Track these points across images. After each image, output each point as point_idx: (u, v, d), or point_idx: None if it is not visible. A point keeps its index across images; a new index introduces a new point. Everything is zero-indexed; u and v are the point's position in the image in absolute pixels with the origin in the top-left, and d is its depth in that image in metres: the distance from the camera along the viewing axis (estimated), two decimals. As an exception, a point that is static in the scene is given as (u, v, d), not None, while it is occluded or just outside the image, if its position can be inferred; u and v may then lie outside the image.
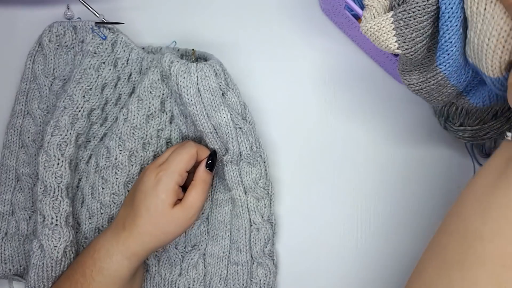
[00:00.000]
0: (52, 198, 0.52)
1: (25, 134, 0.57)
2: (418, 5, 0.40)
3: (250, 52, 0.59)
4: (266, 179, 0.56)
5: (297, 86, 0.59)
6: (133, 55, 0.56)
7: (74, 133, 0.53)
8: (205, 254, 0.57)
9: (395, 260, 0.57)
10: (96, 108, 0.55)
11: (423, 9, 0.40)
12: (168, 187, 0.49)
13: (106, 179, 0.55)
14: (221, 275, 0.57)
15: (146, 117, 0.54)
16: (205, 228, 0.58)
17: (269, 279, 0.56)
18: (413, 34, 0.42)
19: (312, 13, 0.59)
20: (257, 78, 0.59)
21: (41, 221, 0.52)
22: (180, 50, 0.57)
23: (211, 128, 0.52)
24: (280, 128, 0.59)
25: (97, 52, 0.55)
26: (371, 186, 0.58)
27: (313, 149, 0.59)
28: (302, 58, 0.59)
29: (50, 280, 0.52)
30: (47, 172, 0.52)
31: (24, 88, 0.57)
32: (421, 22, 0.41)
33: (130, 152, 0.54)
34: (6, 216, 0.57)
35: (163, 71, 0.53)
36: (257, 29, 0.60)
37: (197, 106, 0.51)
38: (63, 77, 0.57)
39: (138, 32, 0.59)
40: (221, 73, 0.52)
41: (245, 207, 0.55)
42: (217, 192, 0.57)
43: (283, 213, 0.59)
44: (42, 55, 0.57)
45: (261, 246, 0.56)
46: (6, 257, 0.57)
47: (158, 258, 0.57)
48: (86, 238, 0.56)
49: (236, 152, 0.52)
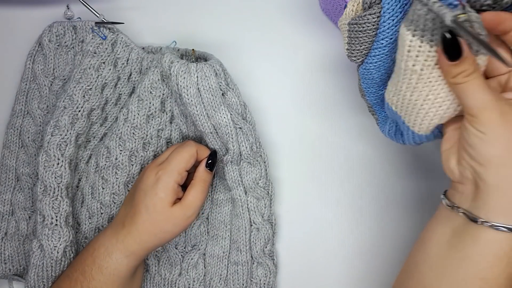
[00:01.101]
0: (52, 198, 0.52)
1: (25, 134, 0.57)
2: (361, 24, 0.41)
3: (250, 52, 0.59)
4: (266, 179, 0.56)
5: (297, 86, 0.59)
6: (133, 55, 0.56)
7: (74, 133, 0.53)
8: (205, 254, 0.57)
9: (395, 260, 0.57)
10: (96, 108, 0.55)
11: (365, 29, 0.41)
12: (167, 186, 0.50)
13: (106, 179, 0.55)
14: (221, 275, 0.57)
15: (146, 117, 0.54)
16: (205, 228, 0.58)
17: (269, 279, 0.56)
18: (357, 47, 0.43)
19: (312, 13, 0.59)
20: (257, 78, 0.59)
21: (41, 221, 0.52)
22: (180, 50, 0.57)
23: (211, 128, 0.52)
24: (280, 128, 0.59)
25: (97, 52, 0.55)
26: (371, 186, 0.58)
27: (313, 149, 0.59)
28: (302, 58, 0.59)
29: (50, 280, 0.52)
30: (47, 172, 0.52)
31: (24, 88, 0.57)
32: (363, 39, 0.42)
33: (131, 152, 0.54)
34: (6, 216, 0.57)
35: (163, 71, 0.53)
36: (257, 29, 0.60)
37: (197, 106, 0.51)
38: (63, 77, 0.57)
39: (138, 32, 0.59)
40: (221, 73, 0.52)
41: (245, 207, 0.55)
42: (217, 192, 0.57)
43: (283, 213, 0.59)
44: (42, 55, 0.57)
45: (261, 246, 0.56)
46: (6, 257, 0.57)
47: (158, 258, 0.57)
48: (86, 238, 0.56)
49: (236, 152, 0.53)
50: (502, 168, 0.36)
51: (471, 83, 0.36)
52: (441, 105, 0.38)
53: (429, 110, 0.39)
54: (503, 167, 0.36)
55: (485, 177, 0.37)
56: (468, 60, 0.36)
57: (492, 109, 0.36)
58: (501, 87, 0.39)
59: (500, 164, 0.36)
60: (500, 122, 0.35)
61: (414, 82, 0.38)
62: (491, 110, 0.36)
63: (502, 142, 0.36)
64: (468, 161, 0.38)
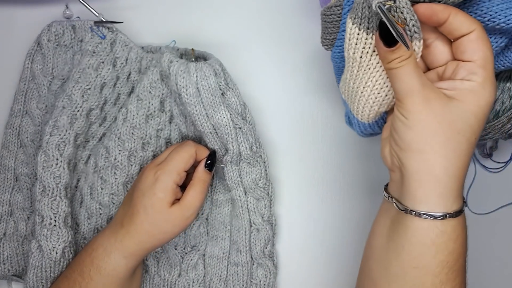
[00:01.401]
0: (51, 198, 0.52)
1: (24, 134, 0.57)
2: (328, 15, 0.43)
3: (250, 52, 0.59)
4: (266, 179, 0.55)
5: (297, 86, 0.59)
6: (132, 54, 0.56)
7: (73, 133, 0.53)
8: (205, 254, 0.57)
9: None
10: (95, 107, 0.54)
11: (331, 20, 0.43)
12: (166, 186, 0.49)
13: (105, 179, 0.54)
14: (221, 276, 0.56)
15: (145, 117, 0.54)
16: (205, 228, 0.57)
17: (269, 280, 0.56)
18: (327, 36, 0.44)
19: (312, 13, 0.59)
20: (257, 78, 0.59)
21: (39, 221, 0.52)
22: (180, 49, 0.56)
23: (210, 128, 0.52)
24: (280, 128, 0.59)
25: (96, 52, 0.54)
26: (371, 185, 0.58)
27: (313, 149, 0.59)
28: (303, 58, 0.59)
29: (49, 281, 0.52)
30: (45, 172, 0.52)
31: (23, 87, 0.57)
32: (331, 29, 0.43)
33: (130, 152, 0.54)
34: (4, 216, 0.57)
35: (162, 70, 0.53)
36: (257, 29, 0.59)
37: (197, 106, 0.51)
38: (62, 77, 0.57)
39: (137, 32, 0.59)
40: (221, 72, 0.52)
41: (245, 208, 0.55)
42: (217, 192, 0.57)
43: (283, 213, 0.59)
44: (41, 55, 0.57)
45: (261, 247, 0.55)
46: (4, 257, 0.57)
47: (158, 259, 0.57)
48: (85, 239, 0.56)
49: (235, 152, 0.52)
50: (420, 153, 0.37)
51: (404, 68, 0.36)
52: (379, 91, 0.39)
53: (368, 97, 0.40)
54: (421, 152, 0.36)
55: (405, 162, 0.37)
56: (403, 47, 0.36)
57: (416, 95, 0.36)
58: (438, 77, 0.40)
59: (418, 150, 0.37)
60: (422, 108, 0.36)
61: (355, 71, 0.39)
62: (415, 96, 0.36)
63: (421, 127, 0.36)
64: (393, 146, 0.39)
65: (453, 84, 0.37)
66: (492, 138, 0.53)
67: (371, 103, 0.40)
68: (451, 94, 0.37)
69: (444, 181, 0.37)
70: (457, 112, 0.36)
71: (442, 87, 0.37)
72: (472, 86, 0.36)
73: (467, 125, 0.36)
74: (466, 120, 0.36)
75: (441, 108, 0.36)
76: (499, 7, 0.37)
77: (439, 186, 0.37)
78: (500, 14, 0.38)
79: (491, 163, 0.60)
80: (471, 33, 0.36)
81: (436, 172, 0.36)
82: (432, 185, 0.37)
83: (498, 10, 0.38)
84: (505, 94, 0.50)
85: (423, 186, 0.37)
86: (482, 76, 0.36)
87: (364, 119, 0.42)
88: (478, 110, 0.36)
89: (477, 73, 0.36)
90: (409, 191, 0.38)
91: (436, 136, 0.36)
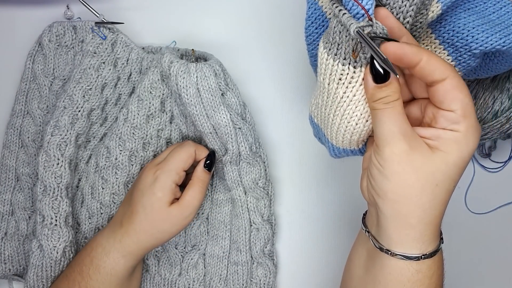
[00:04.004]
0: (52, 198, 0.52)
1: (25, 134, 0.57)
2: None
3: (250, 52, 0.59)
4: (266, 179, 0.56)
5: (297, 86, 0.59)
6: (133, 55, 0.56)
7: (74, 133, 0.53)
8: (205, 254, 0.57)
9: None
10: (96, 108, 0.55)
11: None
12: (165, 185, 0.50)
13: (106, 179, 0.55)
14: (221, 275, 0.57)
15: (146, 117, 0.54)
16: (205, 228, 0.58)
17: (269, 279, 0.56)
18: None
19: (312, 13, 0.59)
20: (257, 78, 0.59)
21: (40, 221, 0.52)
22: (180, 50, 0.56)
23: (210, 128, 0.52)
24: (280, 128, 0.59)
25: (97, 52, 0.55)
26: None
27: (313, 149, 0.59)
28: (303, 58, 0.59)
29: (49, 280, 0.52)
30: (46, 172, 0.52)
31: (24, 88, 0.57)
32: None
33: (130, 152, 0.54)
34: (5, 216, 0.57)
35: (163, 71, 0.53)
36: (257, 29, 0.59)
37: (197, 106, 0.51)
38: (63, 77, 0.57)
39: (138, 32, 0.59)
40: (221, 73, 0.52)
41: (245, 207, 0.55)
42: (217, 192, 0.57)
43: (283, 213, 0.59)
44: (42, 55, 0.57)
45: (261, 246, 0.56)
46: (5, 257, 0.57)
47: (158, 258, 0.57)
48: (85, 238, 0.56)
49: (235, 152, 0.52)
50: (395, 203, 0.36)
51: (388, 111, 0.35)
52: (349, 121, 0.38)
53: (339, 126, 0.39)
54: (396, 203, 0.36)
55: (382, 207, 0.37)
56: (394, 85, 0.35)
57: (396, 144, 0.35)
58: (421, 112, 0.38)
59: (394, 200, 0.36)
60: (400, 159, 0.35)
61: (325, 97, 0.38)
62: (395, 146, 0.35)
63: (398, 179, 0.35)
64: (369, 188, 0.38)
65: (436, 133, 0.35)
66: (491, 138, 0.53)
67: (342, 131, 0.39)
68: (434, 144, 0.35)
69: (419, 228, 0.36)
70: (438, 165, 0.35)
71: (426, 136, 0.36)
72: (456, 137, 0.35)
73: (446, 176, 0.35)
74: (446, 171, 0.35)
75: (422, 160, 0.35)
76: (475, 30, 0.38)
77: (414, 232, 0.36)
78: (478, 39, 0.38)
79: (490, 163, 0.60)
80: (445, 81, 0.34)
81: (410, 221, 0.36)
82: (407, 231, 0.36)
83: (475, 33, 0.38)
84: (504, 94, 0.50)
85: (398, 231, 0.37)
86: (465, 126, 0.35)
87: (339, 145, 0.41)
88: (460, 161, 0.35)
89: (459, 122, 0.35)
90: (385, 232, 0.37)
91: (412, 189, 0.35)
